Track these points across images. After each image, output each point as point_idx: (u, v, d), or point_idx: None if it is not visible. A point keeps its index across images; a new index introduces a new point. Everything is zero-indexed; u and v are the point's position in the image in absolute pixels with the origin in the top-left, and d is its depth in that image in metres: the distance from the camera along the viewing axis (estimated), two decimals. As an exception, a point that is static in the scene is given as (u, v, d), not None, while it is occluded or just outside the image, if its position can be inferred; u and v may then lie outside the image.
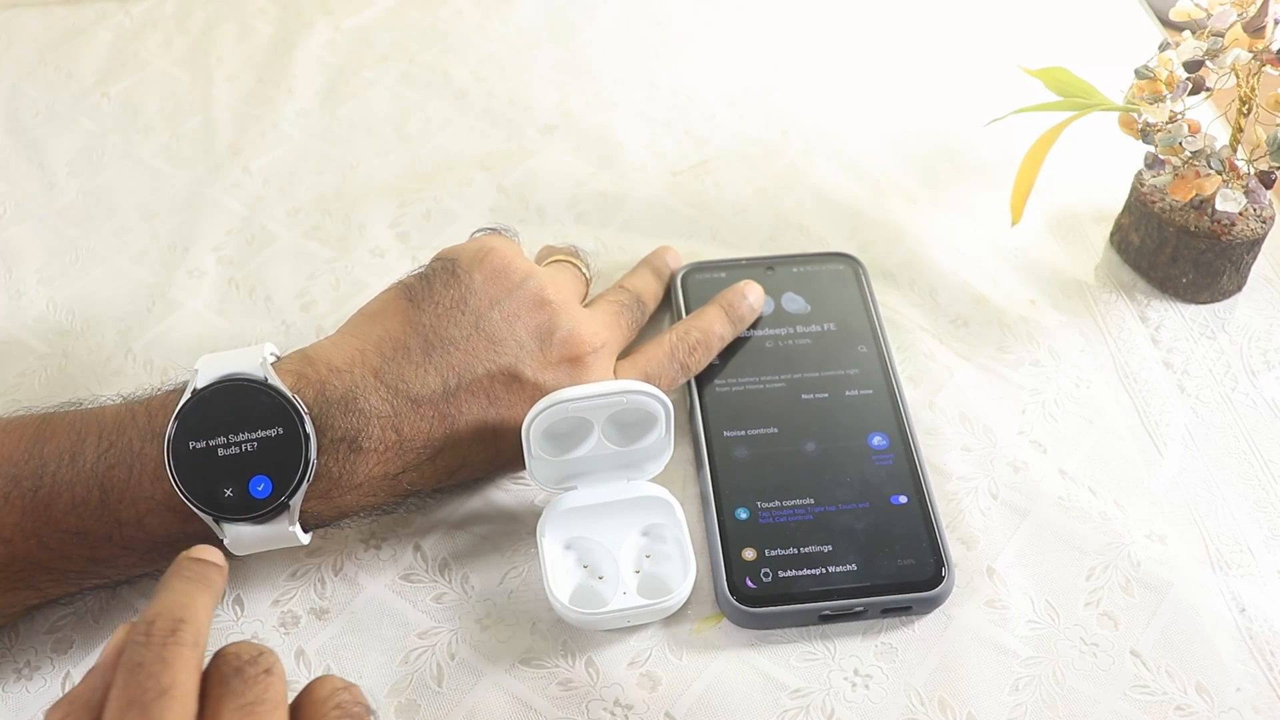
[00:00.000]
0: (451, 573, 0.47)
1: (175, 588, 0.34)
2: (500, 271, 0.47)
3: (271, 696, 0.33)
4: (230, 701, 0.33)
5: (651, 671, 0.44)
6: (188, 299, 0.59)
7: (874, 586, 0.45)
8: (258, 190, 0.65)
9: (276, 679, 0.34)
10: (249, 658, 0.34)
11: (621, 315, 0.52)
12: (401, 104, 0.71)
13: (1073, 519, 0.49)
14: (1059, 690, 0.44)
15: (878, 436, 0.51)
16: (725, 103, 0.71)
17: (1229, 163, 0.53)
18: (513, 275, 0.47)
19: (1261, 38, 0.51)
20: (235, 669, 0.33)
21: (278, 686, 0.34)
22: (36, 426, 0.42)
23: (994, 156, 0.67)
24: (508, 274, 0.47)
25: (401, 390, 0.44)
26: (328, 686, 0.35)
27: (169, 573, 0.35)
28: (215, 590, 0.35)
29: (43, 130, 0.69)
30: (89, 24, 0.77)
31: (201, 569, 0.35)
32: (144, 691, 0.31)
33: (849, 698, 0.43)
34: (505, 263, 0.48)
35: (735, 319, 0.53)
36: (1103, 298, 0.59)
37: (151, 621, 0.33)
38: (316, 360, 0.44)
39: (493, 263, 0.47)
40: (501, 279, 0.47)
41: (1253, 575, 0.47)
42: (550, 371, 0.47)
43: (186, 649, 0.33)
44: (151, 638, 0.32)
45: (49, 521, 0.41)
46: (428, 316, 0.46)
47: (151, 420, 0.42)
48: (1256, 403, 0.54)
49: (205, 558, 0.36)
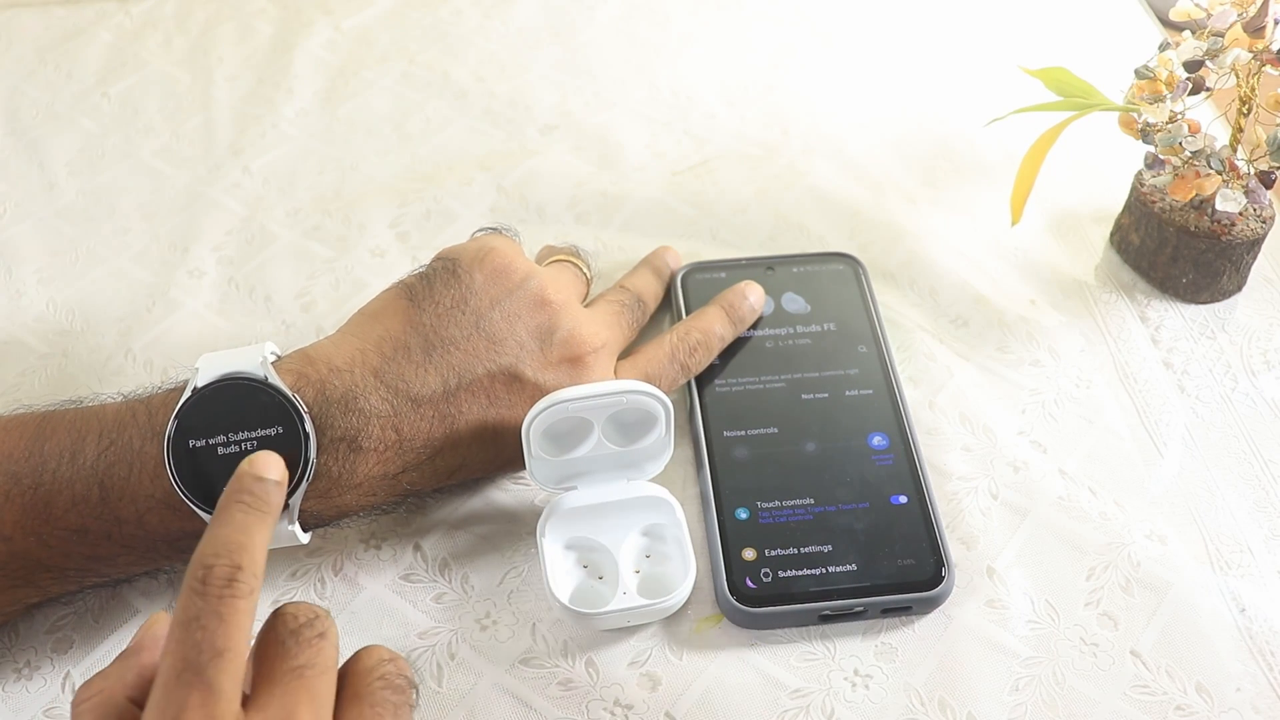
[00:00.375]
0: (451, 573, 0.47)
1: (234, 520, 0.34)
2: (501, 271, 0.47)
3: (322, 660, 0.33)
4: (283, 663, 0.33)
5: (651, 671, 0.44)
6: (188, 299, 0.59)
7: (874, 586, 0.45)
8: (258, 190, 0.65)
9: (329, 643, 0.34)
10: (305, 620, 0.34)
11: (622, 315, 0.52)
12: (401, 104, 0.71)
13: (1073, 519, 0.49)
14: (1059, 690, 0.44)
15: (878, 436, 0.51)
16: (725, 103, 0.71)
17: (1229, 163, 0.53)
18: (513, 275, 0.47)
19: (1261, 38, 0.51)
20: (291, 631, 0.34)
21: (329, 651, 0.34)
22: (37, 424, 0.42)
23: (994, 156, 0.67)
24: (508, 274, 0.47)
25: (401, 390, 0.44)
26: (374, 656, 0.35)
27: (227, 495, 0.34)
28: (274, 514, 0.35)
29: (43, 130, 0.69)
30: (89, 24, 0.77)
31: (263, 492, 0.35)
32: (200, 652, 0.31)
33: (849, 698, 0.43)
34: (506, 262, 0.48)
35: (736, 320, 0.53)
36: (1103, 298, 0.59)
37: (210, 566, 0.32)
38: (317, 360, 0.44)
39: (494, 262, 0.47)
40: (502, 279, 0.47)
41: (1253, 575, 0.47)
42: (551, 371, 0.47)
43: (243, 601, 0.32)
44: (209, 587, 0.32)
45: (49, 519, 0.41)
46: (428, 316, 0.46)
47: (152, 419, 0.42)
48: (1256, 403, 0.54)
49: (266, 475, 0.35)
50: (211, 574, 0.32)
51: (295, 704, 0.32)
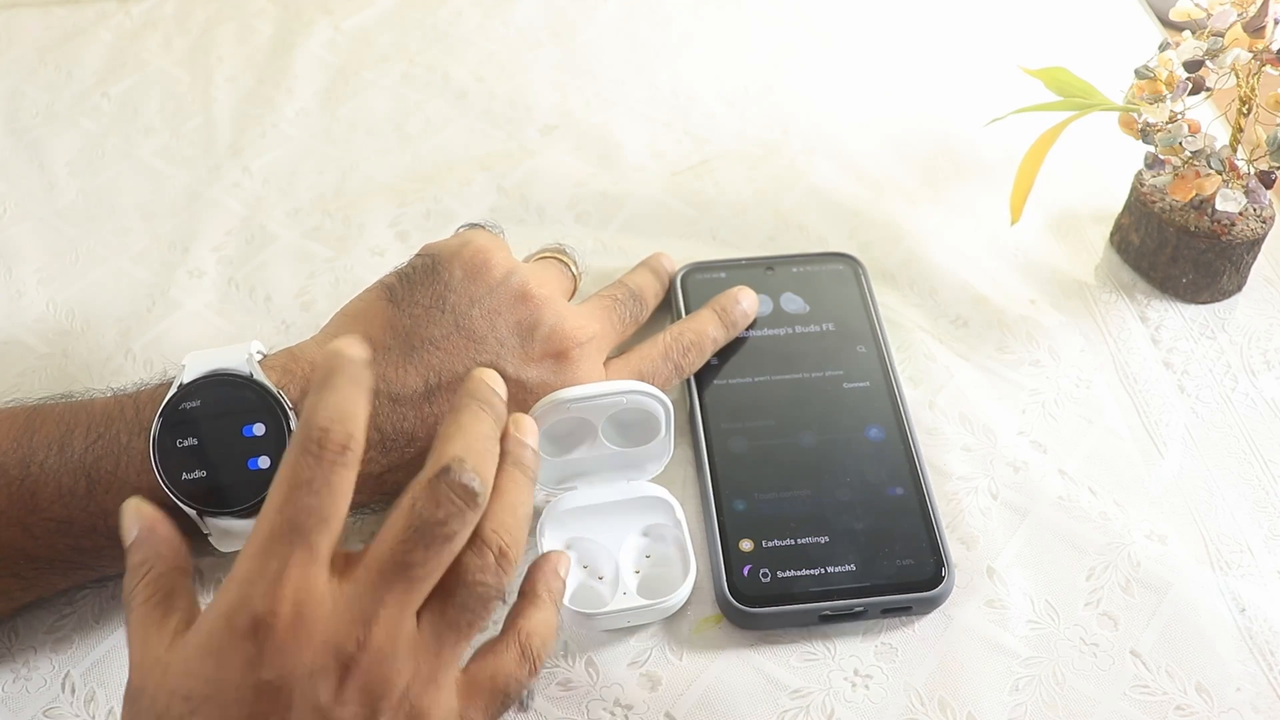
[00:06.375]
0: (451, 573, 0.47)
1: (344, 391, 0.35)
2: (481, 268, 0.47)
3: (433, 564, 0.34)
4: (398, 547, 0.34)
5: (651, 671, 0.44)
6: (188, 299, 0.59)
7: (874, 586, 0.45)
8: (258, 190, 0.65)
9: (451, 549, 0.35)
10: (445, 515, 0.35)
11: (614, 310, 0.52)
12: (401, 104, 0.71)
13: (1073, 519, 0.49)
14: (1059, 690, 0.44)
15: (874, 429, 0.51)
16: (725, 103, 0.71)
17: (1229, 163, 0.53)
18: (494, 272, 0.47)
19: (1261, 38, 0.51)
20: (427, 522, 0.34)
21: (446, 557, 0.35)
22: (27, 417, 0.43)
23: (994, 156, 0.67)
24: (489, 270, 0.47)
25: (382, 390, 0.44)
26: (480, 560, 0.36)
27: (330, 369, 0.35)
28: (370, 395, 0.36)
29: (43, 130, 0.69)
30: (89, 24, 0.77)
31: (362, 370, 0.35)
32: (308, 515, 0.33)
33: (849, 698, 0.43)
34: (486, 259, 0.47)
35: (728, 323, 0.53)
36: (1103, 298, 0.59)
37: (326, 430, 0.34)
38: (301, 358, 0.44)
39: (474, 259, 0.47)
40: (483, 275, 0.47)
41: (1252, 575, 0.47)
42: (533, 368, 0.46)
43: (351, 471, 0.34)
44: (325, 451, 0.33)
45: (34, 509, 0.41)
46: (407, 317, 0.45)
47: (139, 414, 0.42)
48: (1256, 403, 0.54)
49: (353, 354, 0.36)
50: (328, 437, 0.33)
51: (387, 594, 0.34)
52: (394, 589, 0.34)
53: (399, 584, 0.34)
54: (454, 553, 0.35)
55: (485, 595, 0.36)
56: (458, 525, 0.35)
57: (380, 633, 0.33)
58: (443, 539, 0.35)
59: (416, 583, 0.34)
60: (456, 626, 0.35)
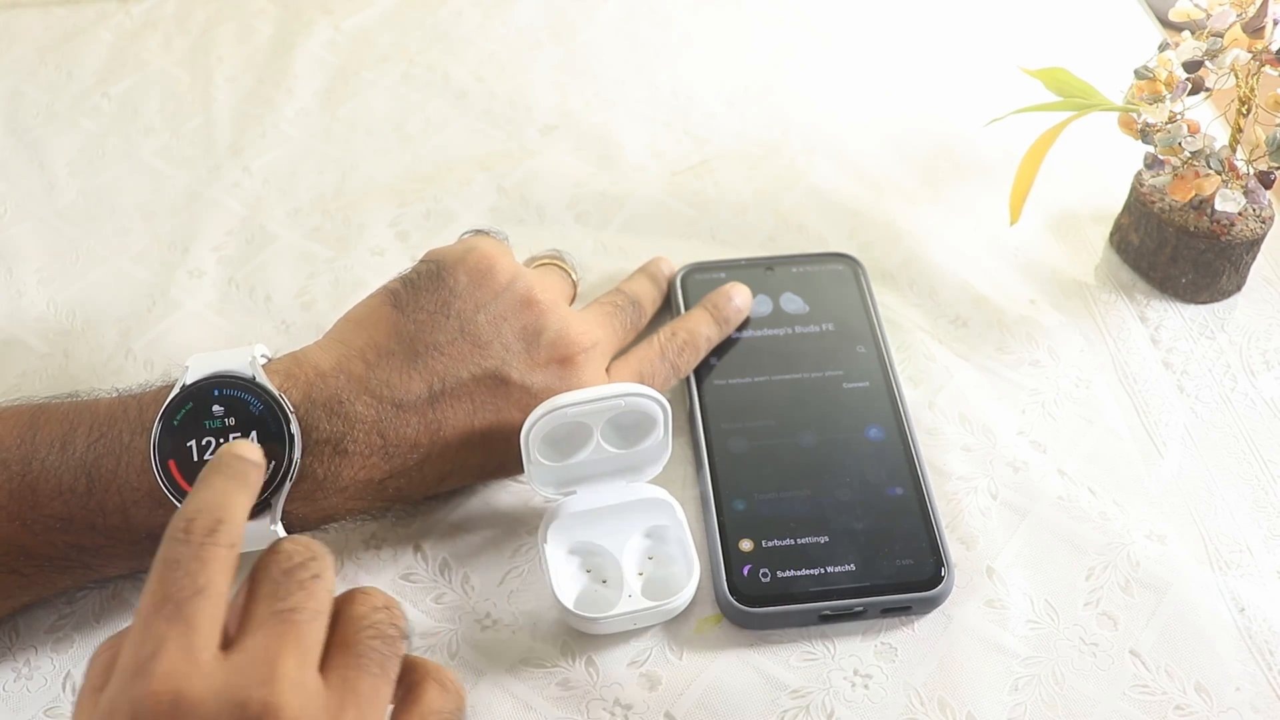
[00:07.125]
0: (451, 573, 0.47)
1: (215, 485, 0.35)
2: (486, 274, 0.47)
3: (313, 605, 0.33)
4: (269, 603, 0.33)
5: (651, 671, 0.44)
6: (188, 299, 0.59)
7: (874, 586, 0.45)
8: (258, 190, 0.65)
9: (323, 586, 0.33)
10: (300, 560, 0.34)
11: (615, 316, 0.52)
12: (401, 104, 0.71)
13: (1072, 519, 0.49)
14: (1059, 690, 0.44)
15: (874, 429, 0.51)
16: (725, 103, 0.71)
17: (1228, 163, 0.53)
18: (499, 277, 0.47)
19: (1261, 38, 0.51)
20: (285, 570, 0.33)
21: (323, 595, 0.33)
22: (31, 414, 0.43)
23: (994, 156, 0.67)
24: (494, 276, 0.47)
25: (386, 396, 0.44)
26: (366, 603, 0.34)
27: (209, 468, 0.35)
28: (252, 491, 0.36)
29: (43, 130, 0.69)
30: (89, 24, 0.77)
31: (242, 467, 0.35)
32: (179, 589, 0.32)
33: (849, 697, 0.43)
34: (491, 265, 0.47)
35: (721, 320, 0.53)
36: (1102, 298, 0.59)
37: (191, 519, 0.33)
38: (305, 363, 0.44)
39: (479, 265, 0.47)
40: (488, 281, 0.47)
41: (1252, 575, 0.47)
42: (539, 373, 0.47)
43: (223, 549, 0.33)
44: (191, 535, 0.33)
45: (34, 505, 0.41)
46: (411, 323, 0.45)
47: (142, 414, 0.42)
48: (1256, 403, 0.54)
49: (245, 455, 0.36)
50: (193, 525, 0.33)
51: (280, 648, 0.31)
52: (285, 641, 0.32)
53: (289, 634, 0.32)
54: (329, 591, 0.34)
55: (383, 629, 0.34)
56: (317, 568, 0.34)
57: (284, 689, 0.31)
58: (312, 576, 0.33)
59: (305, 627, 0.32)
60: (366, 669, 0.33)
